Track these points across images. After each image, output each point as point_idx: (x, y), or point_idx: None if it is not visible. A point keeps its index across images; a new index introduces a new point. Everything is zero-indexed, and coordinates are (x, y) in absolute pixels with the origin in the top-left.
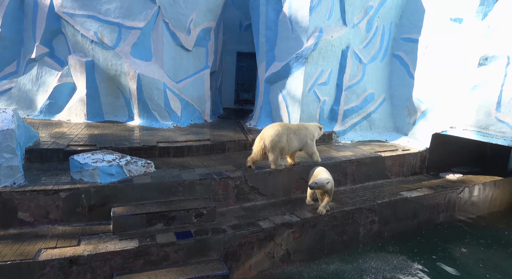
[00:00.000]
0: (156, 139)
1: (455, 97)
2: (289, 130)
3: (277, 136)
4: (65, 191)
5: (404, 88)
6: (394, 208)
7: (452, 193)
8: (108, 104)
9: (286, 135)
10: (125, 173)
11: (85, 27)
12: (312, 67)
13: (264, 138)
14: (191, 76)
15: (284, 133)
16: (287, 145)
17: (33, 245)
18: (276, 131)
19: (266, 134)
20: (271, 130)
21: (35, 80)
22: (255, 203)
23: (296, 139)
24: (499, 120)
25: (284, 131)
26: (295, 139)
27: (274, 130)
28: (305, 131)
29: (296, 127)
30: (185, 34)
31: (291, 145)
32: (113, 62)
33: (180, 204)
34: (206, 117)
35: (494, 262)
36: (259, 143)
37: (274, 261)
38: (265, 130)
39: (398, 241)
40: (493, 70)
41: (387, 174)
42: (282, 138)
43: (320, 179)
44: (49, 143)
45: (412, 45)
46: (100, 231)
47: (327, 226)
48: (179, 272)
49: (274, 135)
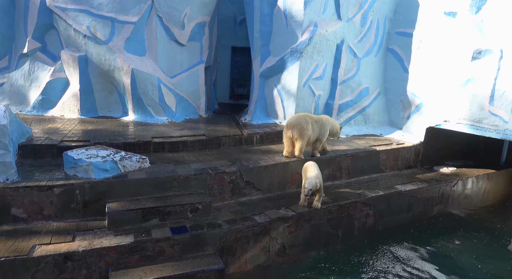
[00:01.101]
0: (151, 134)
1: (449, 91)
2: (312, 120)
3: (305, 124)
4: (59, 187)
5: (399, 82)
6: (388, 201)
7: (446, 186)
8: (102, 100)
9: (311, 124)
10: (119, 169)
11: (77, 21)
12: (307, 61)
13: (292, 127)
14: (186, 71)
15: (309, 122)
16: (312, 133)
17: (27, 241)
18: (303, 120)
19: (293, 123)
20: (298, 119)
21: (28, 75)
22: (251, 198)
23: (318, 129)
24: (492, 113)
25: (309, 120)
26: (317, 128)
27: (301, 119)
28: (325, 122)
29: (317, 118)
30: (179, 29)
31: (314, 134)
32: (107, 57)
33: (175, 199)
34: (201, 112)
35: (487, 254)
36: (286, 133)
37: (270, 255)
38: (292, 119)
39: (393, 234)
40: (487, 64)
41: (382, 167)
42: (308, 126)
43: (311, 183)
44: (42, 138)
45: (407, 39)
46: (95, 227)
47: (322, 220)
48: (175, 267)
49: (302, 123)
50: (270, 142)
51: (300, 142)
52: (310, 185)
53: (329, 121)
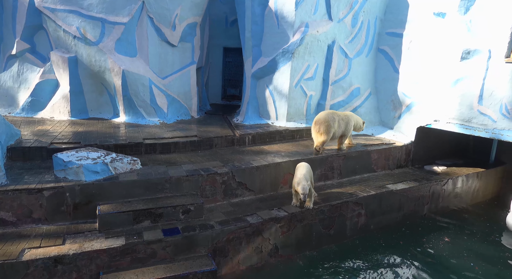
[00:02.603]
0: (142, 136)
1: (439, 91)
2: (339, 117)
3: (332, 121)
4: (48, 189)
5: (389, 82)
6: (380, 200)
7: (436, 185)
8: (92, 101)
9: (337, 122)
10: (110, 171)
11: (67, 22)
12: (298, 62)
13: (320, 123)
14: (177, 72)
15: (336, 119)
16: (338, 130)
17: (16, 245)
18: (330, 117)
19: (321, 119)
20: (326, 116)
21: (16, 77)
22: (243, 199)
23: (344, 125)
24: (481, 113)
25: (335, 118)
26: (343, 125)
27: (329, 116)
28: (350, 119)
29: (343, 115)
30: (170, 30)
31: (339, 130)
32: (97, 58)
33: (167, 201)
34: (193, 113)
35: (477, 251)
36: (314, 128)
37: (262, 256)
38: (320, 116)
39: (384, 233)
40: (475, 64)
41: (373, 167)
42: (335, 124)
43: (304, 188)
44: (32, 141)
45: (397, 39)
46: (86, 230)
47: (315, 220)
48: (167, 269)
49: (329, 120)
50: (262, 143)
51: (325, 136)
52: (303, 189)
53: (354, 118)
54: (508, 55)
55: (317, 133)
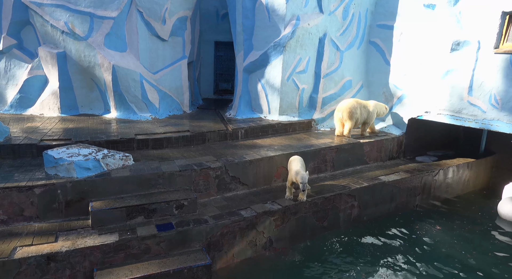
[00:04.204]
0: (134, 131)
1: (429, 82)
2: (361, 105)
3: (354, 108)
4: (39, 187)
5: (381, 74)
6: (372, 192)
7: (428, 176)
8: (82, 97)
9: (359, 109)
10: (102, 167)
11: (54, 17)
12: (290, 55)
13: (342, 110)
14: (168, 67)
15: (357, 107)
16: (360, 117)
17: (7, 243)
18: (352, 104)
19: (343, 107)
20: (348, 104)
21: (4, 73)
22: (237, 193)
23: (365, 113)
24: (471, 104)
25: (357, 105)
26: (364, 113)
27: (351, 104)
28: (372, 107)
29: (365, 103)
30: (160, 24)
31: (361, 117)
32: (86, 53)
33: (161, 196)
34: (185, 108)
35: (468, 239)
36: (338, 115)
37: (257, 249)
38: (342, 104)
39: (377, 224)
40: (465, 55)
41: (366, 159)
42: (357, 110)
43: (303, 177)
44: (21, 138)
45: (388, 32)
46: (79, 227)
47: (308, 213)
48: (161, 264)
49: (351, 107)
50: (255, 137)
51: (349, 123)
52: (303, 179)
53: (376, 106)
54: (497, 46)
55: (339, 120)
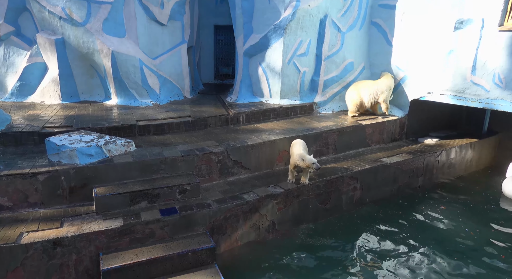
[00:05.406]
0: (135, 117)
1: (432, 62)
2: (364, 86)
3: (351, 92)
4: (43, 173)
5: (383, 55)
6: (375, 174)
7: (430, 157)
8: (83, 84)
9: (359, 91)
10: (104, 153)
11: (51, 3)
12: (290, 38)
13: (360, 90)
14: (168, 52)
15: (358, 89)
16: (364, 99)
17: (14, 229)
18: (351, 88)
19: (360, 87)
20: (350, 88)
21: (3, 61)
22: (239, 177)
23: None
24: (474, 83)
25: (357, 88)
26: (371, 93)
27: (350, 88)
28: (381, 85)
29: (372, 83)
30: (158, 8)
31: (367, 99)
32: (85, 39)
33: (163, 181)
34: (185, 93)
35: (471, 218)
36: (356, 95)
37: (260, 232)
38: (357, 84)
39: (380, 205)
40: (468, 34)
41: (368, 141)
42: (355, 94)
43: (311, 159)
44: (23, 125)
45: (390, 11)
46: (83, 212)
47: (311, 195)
48: (166, 247)
49: (349, 91)
50: (256, 121)
51: (349, 107)
52: (311, 160)
53: (386, 84)
54: (502, 23)
55: (354, 101)
